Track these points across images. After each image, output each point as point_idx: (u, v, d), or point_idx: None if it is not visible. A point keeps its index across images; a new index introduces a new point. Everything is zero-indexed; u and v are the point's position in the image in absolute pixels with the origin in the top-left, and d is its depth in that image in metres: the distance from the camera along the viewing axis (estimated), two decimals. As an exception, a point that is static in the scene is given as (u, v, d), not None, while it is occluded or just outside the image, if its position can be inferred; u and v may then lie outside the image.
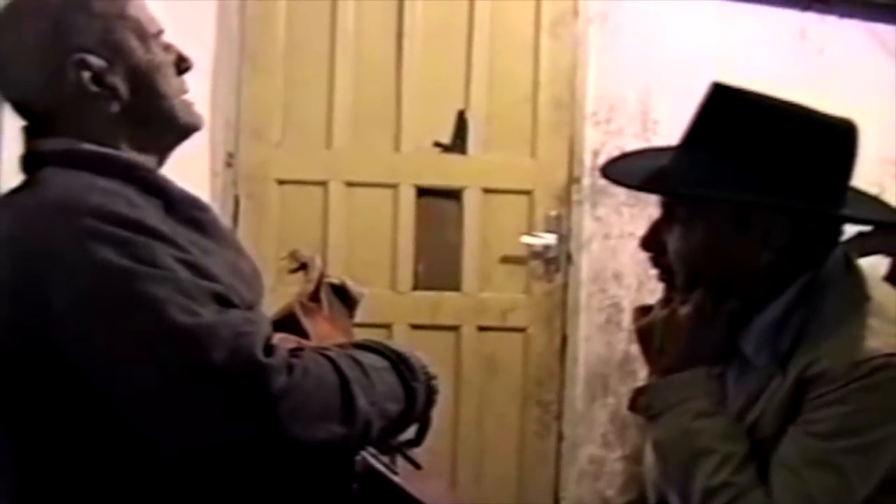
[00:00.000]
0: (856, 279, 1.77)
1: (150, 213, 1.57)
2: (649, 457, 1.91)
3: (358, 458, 1.65)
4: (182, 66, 1.78)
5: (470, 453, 4.12)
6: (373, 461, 1.68)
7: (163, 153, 1.77)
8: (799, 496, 1.65)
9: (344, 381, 1.52)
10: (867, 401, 1.65)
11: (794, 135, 1.72)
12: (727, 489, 1.67)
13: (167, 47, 1.76)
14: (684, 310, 1.79)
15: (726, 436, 1.72)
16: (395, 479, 1.70)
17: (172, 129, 1.76)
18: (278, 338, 1.55)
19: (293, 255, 2.00)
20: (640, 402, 1.82)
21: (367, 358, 1.61)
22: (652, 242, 1.83)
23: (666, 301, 1.84)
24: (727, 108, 1.75)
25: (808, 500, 1.64)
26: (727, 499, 1.67)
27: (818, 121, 1.74)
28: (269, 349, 1.46)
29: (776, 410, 1.71)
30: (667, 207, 1.81)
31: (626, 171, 1.86)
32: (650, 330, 1.82)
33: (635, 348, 1.89)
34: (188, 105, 1.78)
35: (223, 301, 1.50)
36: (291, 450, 1.48)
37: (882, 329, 1.68)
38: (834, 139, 1.75)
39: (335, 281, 2.00)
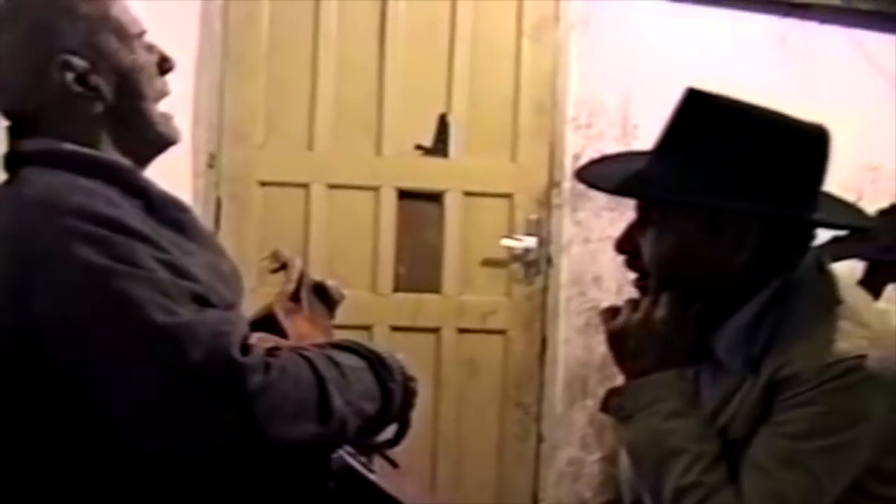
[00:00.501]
0: (828, 283, 1.79)
1: (131, 213, 1.58)
2: (624, 458, 1.92)
3: (335, 456, 1.67)
4: (165, 66, 1.79)
5: (449, 455, 4.13)
6: (350, 460, 1.69)
7: (141, 162, 1.77)
8: (769, 496, 1.66)
9: (320, 381, 1.53)
10: (837, 402, 1.66)
11: (767, 140, 1.74)
12: (697, 489, 1.69)
13: (150, 48, 1.77)
14: (659, 313, 1.80)
15: (697, 436, 1.73)
16: (372, 477, 1.71)
17: (150, 135, 1.76)
18: (257, 337, 1.56)
19: (274, 256, 2.01)
20: (612, 403, 1.83)
21: (344, 358, 1.62)
22: (626, 245, 1.85)
23: (634, 302, 1.85)
24: (701, 114, 1.76)
25: (779, 499, 1.66)
26: (697, 498, 1.68)
27: (791, 126, 1.76)
28: (246, 349, 1.47)
29: (748, 412, 1.73)
30: (641, 211, 1.83)
31: (601, 174, 1.88)
32: (623, 333, 1.83)
33: (613, 351, 1.90)
34: (167, 118, 1.79)
35: (202, 301, 1.51)
36: (268, 448, 1.48)
37: (853, 331, 1.69)
38: (806, 144, 1.76)
39: (316, 280, 2.01)
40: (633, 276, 1.88)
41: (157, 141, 1.78)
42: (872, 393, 1.68)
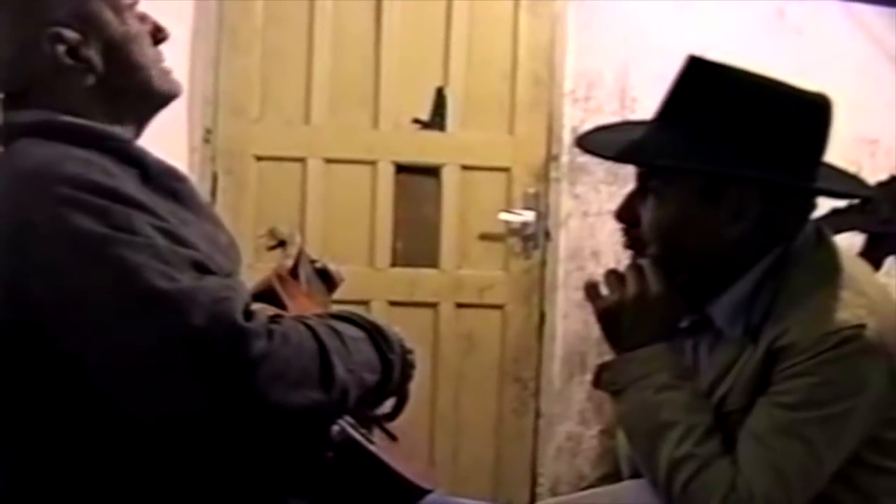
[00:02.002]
0: (828, 252, 1.79)
1: (127, 182, 1.57)
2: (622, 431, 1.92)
3: (336, 427, 1.66)
4: (158, 36, 1.77)
5: (448, 430, 4.13)
6: (351, 431, 1.68)
7: (140, 123, 1.77)
8: (765, 466, 1.66)
9: (322, 348, 1.52)
10: (834, 372, 1.66)
11: (768, 107, 1.73)
12: (692, 460, 1.68)
13: (142, 17, 1.76)
14: (654, 288, 1.80)
15: (689, 407, 1.73)
16: (372, 448, 1.71)
17: (149, 98, 1.75)
18: (257, 307, 1.55)
19: (271, 233, 2.01)
20: (603, 377, 1.83)
21: (345, 328, 1.61)
22: (626, 214, 1.84)
23: (617, 275, 1.84)
24: (702, 82, 1.75)
25: (775, 469, 1.65)
26: (692, 470, 1.68)
27: (792, 94, 1.75)
28: (249, 314, 1.46)
29: (746, 382, 1.72)
30: (641, 179, 1.82)
31: (601, 143, 1.87)
32: (619, 310, 1.82)
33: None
34: (166, 73, 1.77)
35: (201, 268, 1.49)
36: (269, 415, 1.47)
37: (852, 301, 1.69)
38: (808, 112, 1.76)
39: (318, 264, 2.01)
40: (625, 241, 1.87)
41: (156, 99, 1.77)
42: (870, 363, 1.68)
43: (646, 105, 3.85)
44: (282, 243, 1.99)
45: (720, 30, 4.11)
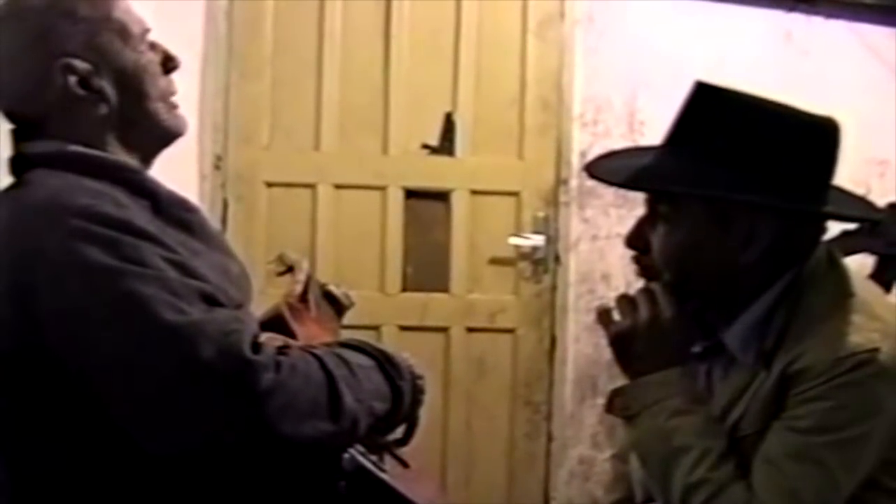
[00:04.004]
0: (839, 276, 1.78)
1: (138, 213, 1.58)
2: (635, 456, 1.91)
3: (346, 456, 1.66)
4: (169, 65, 1.78)
5: (459, 454, 4.13)
6: (361, 459, 1.68)
7: (148, 158, 1.77)
8: (781, 490, 1.65)
9: (331, 379, 1.52)
10: (849, 397, 1.65)
11: (777, 133, 1.73)
12: (706, 485, 1.68)
13: (153, 46, 1.76)
14: (666, 313, 1.79)
15: (703, 432, 1.72)
16: (384, 476, 1.70)
17: (157, 131, 1.76)
18: (266, 337, 1.55)
19: (280, 258, 2.01)
20: (616, 403, 1.83)
21: (354, 357, 1.61)
22: (636, 240, 1.83)
23: (629, 300, 1.84)
24: (710, 107, 1.75)
25: (790, 494, 1.65)
26: (706, 495, 1.67)
27: (801, 119, 1.75)
28: (257, 347, 1.46)
29: (760, 407, 1.72)
30: (651, 205, 1.82)
31: (610, 169, 1.86)
32: (632, 335, 1.81)
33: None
34: (173, 109, 1.78)
35: (211, 300, 1.50)
36: (279, 447, 1.48)
37: (865, 325, 1.69)
38: (817, 137, 1.75)
39: (327, 288, 2.01)
40: (638, 269, 1.87)
41: (164, 135, 1.77)
42: (885, 387, 1.67)
43: (654, 129, 3.86)
44: (290, 269, 1.99)
45: (728, 52, 4.12)
